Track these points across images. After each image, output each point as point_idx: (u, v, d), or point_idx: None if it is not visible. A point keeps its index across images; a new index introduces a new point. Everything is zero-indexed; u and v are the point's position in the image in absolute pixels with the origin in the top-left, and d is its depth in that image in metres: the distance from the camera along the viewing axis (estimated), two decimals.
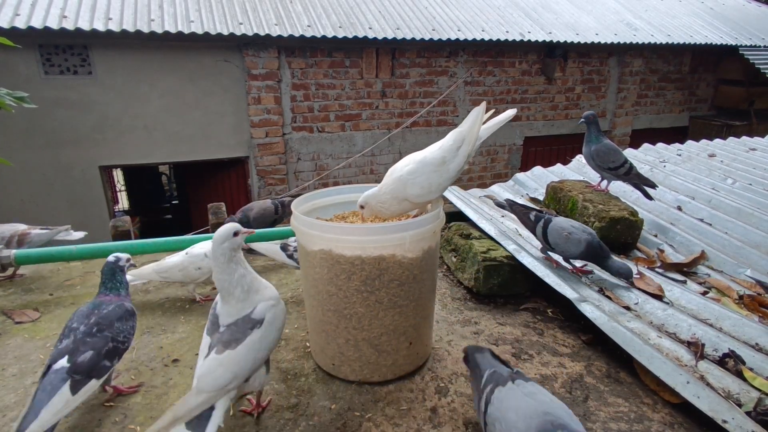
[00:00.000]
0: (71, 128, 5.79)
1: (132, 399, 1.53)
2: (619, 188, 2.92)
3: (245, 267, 1.36)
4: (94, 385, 1.36)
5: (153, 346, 1.82)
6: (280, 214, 2.74)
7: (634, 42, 7.83)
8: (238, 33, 5.77)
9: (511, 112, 1.70)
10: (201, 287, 2.27)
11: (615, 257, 2.01)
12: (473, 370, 1.40)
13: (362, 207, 1.64)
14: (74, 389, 1.30)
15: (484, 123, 1.65)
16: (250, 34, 5.82)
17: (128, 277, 2.04)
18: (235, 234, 1.33)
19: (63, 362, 1.34)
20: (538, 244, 2.35)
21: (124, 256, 1.65)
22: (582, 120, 2.64)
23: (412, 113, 7.28)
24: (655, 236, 2.55)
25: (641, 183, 2.58)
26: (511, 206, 2.24)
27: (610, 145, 2.59)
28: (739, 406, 1.40)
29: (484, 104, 1.64)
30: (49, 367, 1.34)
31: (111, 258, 1.61)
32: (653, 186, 2.59)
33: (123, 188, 11.82)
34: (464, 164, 1.62)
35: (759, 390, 1.45)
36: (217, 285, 1.34)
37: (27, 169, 5.72)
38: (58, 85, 5.62)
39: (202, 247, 2.11)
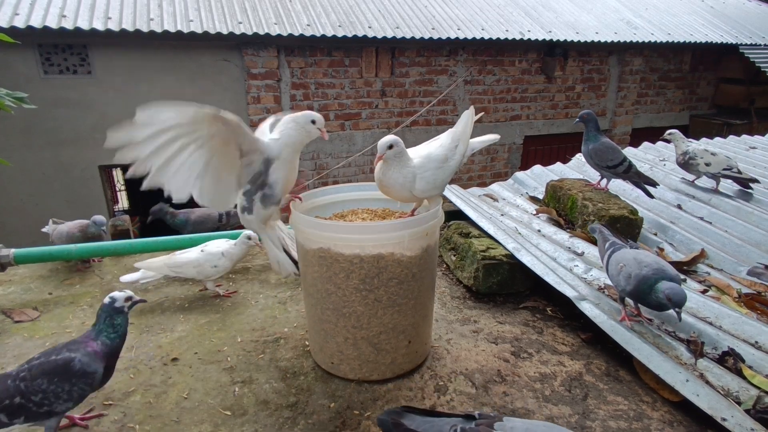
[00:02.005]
0: (71, 128, 5.79)
1: (131, 398, 1.53)
2: (619, 187, 2.92)
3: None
4: None
5: (152, 345, 1.82)
6: (224, 222, 2.70)
7: (634, 41, 7.82)
8: (237, 32, 5.76)
9: (494, 137, 1.79)
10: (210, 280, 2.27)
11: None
12: None
13: (390, 147, 1.53)
14: None
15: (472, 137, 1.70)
16: (250, 33, 5.82)
17: (137, 275, 2.09)
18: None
19: None
20: (538, 241, 2.35)
21: (121, 295, 1.34)
22: (577, 120, 2.63)
23: (412, 112, 7.28)
24: (655, 235, 2.55)
25: (641, 181, 2.57)
26: (598, 231, 2.00)
27: (608, 143, 2.59)
28: (739, 404, 1.40)
29: (472, 108, 1.66)
30: None
31: (106, 300, 1.33)
32: (654, 184, 2.58)
33: (123, 188, 11.81)
34: (461, 163, 1.65)
35: (758, 388, 1.45)
36: None
37: (27, 169, 5.73)
38: (57, 85, 5.62)
39: (218, 245, 2.11)
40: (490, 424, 1.07)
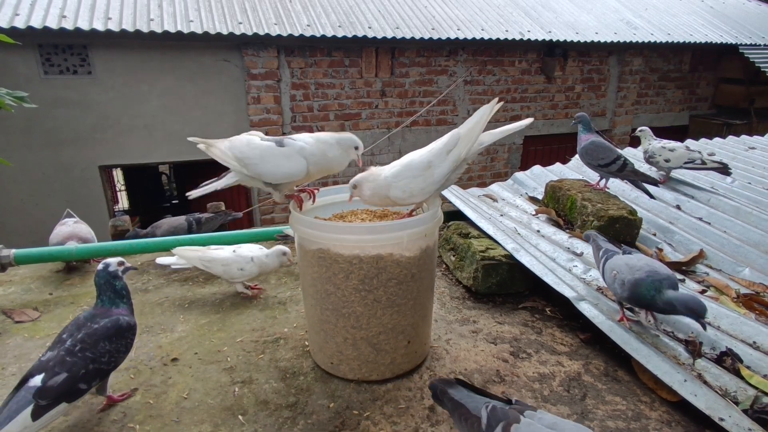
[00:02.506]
0: (71, 128, 5.79)
1: (131, 398, 1.54)
2: (619, 187, 2.93)
3: None
4: (62, 409, 1.29)
5: (152, 345, 1.83)
6: (195, 230, 2.65)
7: (634, 41, 7.82)
8: (237, 32, 5.77)
9: (527, 121, 1.69)
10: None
11: (681, 293, 1.57)
12: (456, 410, 1.19)
13: (354, 187, 1.60)
14: (36, 415, 1.23)
15: (490, 128, 1.62)
16: (250, 33, 5.82)
17: (171, 259, 2.17)
18: None
19: (37, 380, 1.27)
20: (537, 241, 2.36)
21: (113, 260, 1.48)
22: (573, 122, 2.70)
23: (412, 112, 7.28)
24: (654, 235, 2.55)
25: (638, 179, 2.56)
26: (591, 239, 2.00)
27: (599, 142, 2.61)
28: (736, 404, 1.40)
29: (494, 103, 1.57)
30: (25, 380, 1.29)
31: (100, 266, 1.44)
32: (655, 183, 2.56)
33: (123, 188, 11.82)
34: (454, 169, 1.56)
35: (756, 388, 1.45)
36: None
37: (27, 169, 5.73)
38: (57, 85, 5.62)
39: (251, 250, 2.13)
40: (521, 411, 1.10)
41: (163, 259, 2.21)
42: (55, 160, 5.83)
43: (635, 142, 3.56)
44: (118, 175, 11.61)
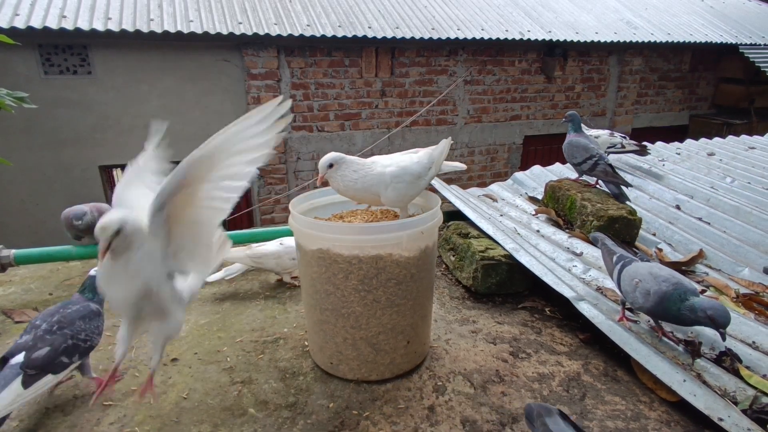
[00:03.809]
0: (71, 128, 5.79)
1: (131, 398, 1.54)
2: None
3: None
4: (49, 379, 1.38)
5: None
6: None
7: (634, 40, 7.82)
8: (237, 32, 5.77)
9: (461, 166, 1.82)
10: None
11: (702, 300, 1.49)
12: None
13: (330, 166, 1.55)
14: (27, 383, 1.33)
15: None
16: (250, 33, 5.82)
17: (221, 273, 2.17)
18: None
19: (19, 358, 1.37)
20: (537, 241, 2.36)
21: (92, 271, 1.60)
22: (564, 120, 2.80)
23: (412, 112, 7.28)
24: (654, 235, 2.56)
25: (607, 180, 2.54)
26: (600, 242, 1.95)
27: (575, 141, 2.63)
28: (735, 404, 1.40)
29: (450, 140, 1.69)
30: (5, 360, 1.37)
31: (92, 272, 1.60)
32: (627, 184, 2.55)
33: None
34: (427, 184, 1.66)
35: (755, 388, 1.45)
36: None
37: (27, 169, 5.73)
38: (57, 85, 5.62)
39: (293, 241, 2.15)
40: None
41: (213, 276, 2.16)
42: (55, 160, 5.84)
43: (635, 141, 3.57)
44: (118, 175, 11.62)
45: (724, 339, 1.46)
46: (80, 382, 1.61)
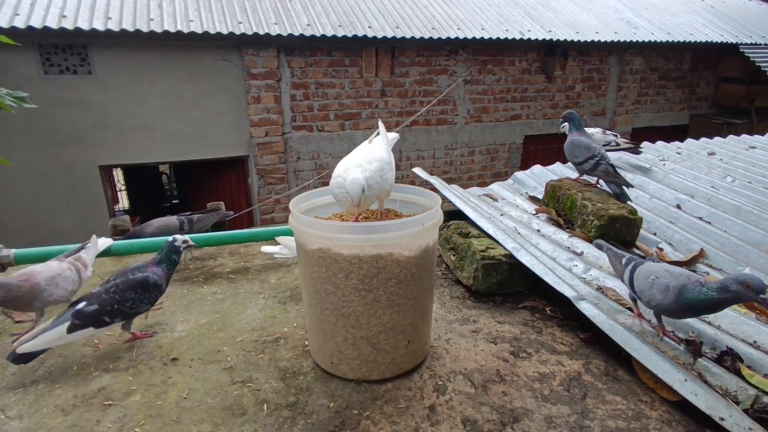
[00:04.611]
0: (71, 128, 5.80)
1: (131, 398, 1.54)
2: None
3: None
4: (89, 332, 1.63)
5: (152, 345, 1.83)
6: (186, 230, 2.57)
7: (635, 40, 7.82)
8: (237, 32, 5.77)
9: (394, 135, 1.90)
10: None
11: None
12: None
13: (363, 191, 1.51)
14: (70, 330, 1.58)
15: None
16: (250, 33, 5.82)
17: (274, 248, 2.34)
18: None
19: (81, 305, 1.63)
20: (537, 241, 2.36)
21: (181, 238, 1.89)
22: (561, 121, 2.76)
23: (412, 112, 7.28)
24: (654, 234, 2.55)
25: (608, 180, 2.54)
26: (605, 247, 1.96)
27: (576, 140, 2.62)
28: (737, 403, 1.40)
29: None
30: (74, 304, 1.64)
31: (170, 238, 1.87)
32: (627, 185, 2.54)
33: (123, 188, 11.83)
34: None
35: (756, 387, 1.45)
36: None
37: (27, 169, 5.74)
38: (57, 85, 5.63)
39: None
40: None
41: (267, 248, 2.37)
42: (55, 160, 5.84)
43: (635, 141, 3.59)
44: (118, 175, 11.62)
45: (767, 306, 1.36)
46: (121, 334, 1.84)
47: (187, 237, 1.89)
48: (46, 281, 1.77)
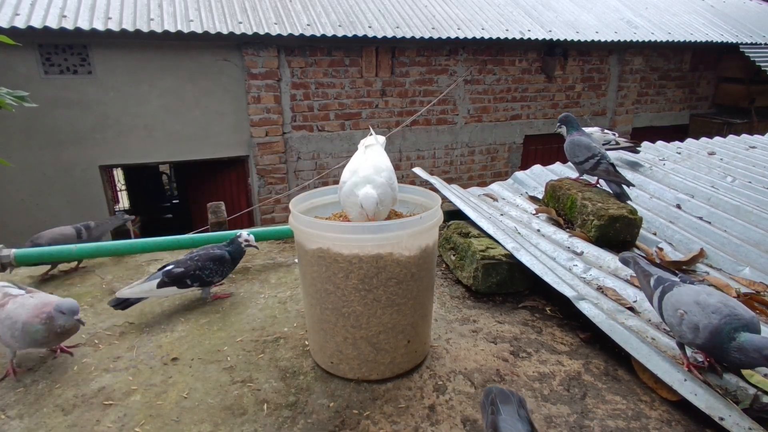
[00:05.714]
0: (71, 128, 5.80)
1: (131, 398, 1.54)
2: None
3: None
4: (174, 290, 1.97)
5: (152, 344, 1.83)
6: (84, 239, 2.52)
7: (635, 40, 7.82)
8: (237, 32, 5.77)
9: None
10: None
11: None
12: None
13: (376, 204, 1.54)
14: (159, 286, 1.94)
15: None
16: (250, 33, 5.82)
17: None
18: None
19: (171, 266, 2.01)
20: (537, 241, 2.36)
21: (245, 236, 2.18)
22: (557, 124, 2.77)
23: (412, 112, 7.28)
24: (654, 234, 2.55)
25: (609, 179, 2.54)
26: (633, 263, 1.78)
27: (576, 139, 2.63)
28: (737, 403, 1.40)
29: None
30: (166, 265, 2.03)
31: (237, 232, 2.22)
32: (628, 184, 2.54)
33: (123, 187, 11.83)
34: None
35: (756, 387, 1.45)
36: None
37: (27, 169, 5.74)
38: (58, 85, 5.63)
39: None
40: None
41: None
42: (55, 160, 5.84)
43: (636, 141, 3.59)
44: (118, 175, 11.62)
45: None
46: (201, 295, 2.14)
47: (251, 238, 2.18)
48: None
